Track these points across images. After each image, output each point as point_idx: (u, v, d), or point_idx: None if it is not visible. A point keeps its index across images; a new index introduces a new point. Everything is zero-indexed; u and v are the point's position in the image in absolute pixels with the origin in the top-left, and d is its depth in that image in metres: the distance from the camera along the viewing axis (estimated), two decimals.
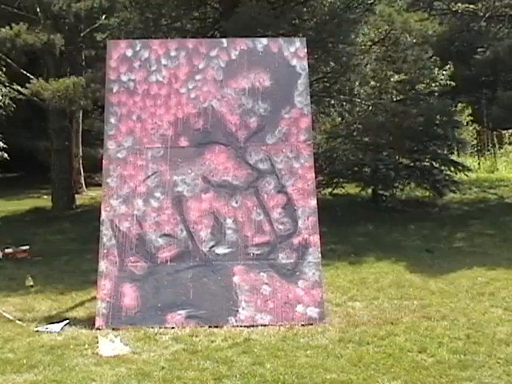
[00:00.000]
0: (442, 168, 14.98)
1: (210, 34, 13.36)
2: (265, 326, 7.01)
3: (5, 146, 18.68)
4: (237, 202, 7.63)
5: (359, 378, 5.49)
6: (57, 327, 7.02)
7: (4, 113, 18.70)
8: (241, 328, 6.95)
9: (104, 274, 7.32)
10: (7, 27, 12.98)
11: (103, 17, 15.48)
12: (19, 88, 15.94)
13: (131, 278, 7.31)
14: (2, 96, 18.24)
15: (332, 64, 14.05)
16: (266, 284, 7.29)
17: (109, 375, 5.68)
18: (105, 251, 7.41)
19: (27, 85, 13.14)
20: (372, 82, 14.81)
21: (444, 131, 14.86)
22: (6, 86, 17.33)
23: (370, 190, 15.21)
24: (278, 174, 7.70)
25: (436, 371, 5.60)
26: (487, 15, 16.06)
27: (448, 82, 14.89)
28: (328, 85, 14.74)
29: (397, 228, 12.68)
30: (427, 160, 15.04)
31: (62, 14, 14.43)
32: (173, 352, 6.25)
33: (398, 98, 15.05)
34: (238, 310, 7.17)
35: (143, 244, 7.47)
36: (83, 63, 17.53)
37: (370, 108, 14.88)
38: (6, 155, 18.76)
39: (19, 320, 7.35)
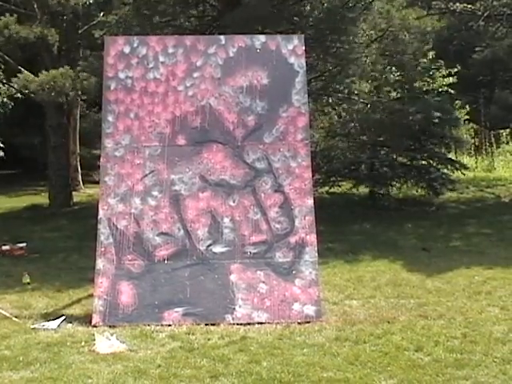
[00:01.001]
0: (439, 166, 14.99)
1: (208, 31, 13.34)
2: (261, 324, 7.01)
3: (1, 145, 18.72)
4: (234, 201, 7.63)
5: (355, 377, 5.50)
6: (53, 324, 7.02)
7: (1, 111, 18.72)
8: (237, 326, 6.95)
9: (101, 272, 7.32)
10: None
11: (101, 14, 15.47)
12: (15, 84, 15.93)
13: (128, 276, 7.31)
14: (0, 94, 18.27)
15: (330, 62, 14.04)
16: (263, 282, 7.30)
17: (105, 373, 5.68)
18: (102, 249, 7.40)
19: (14, 79, 13.09)
20: (370, 80, 14.82)
21: (441, 129, 14.88)
22: (3, 84, 17.34)
23: (367, 189, 15.22)
24: (275, 173, 7.70)
25: (432, 370, 5.61)
26: (485, 14, 16.05)
27: (448, 90, 14.95)
28: (326, 83, 14.74)
29: (393, 227, 12.69)
30: (424, 158, 15.05)
31: (59, 11, 14.41)
32: (169, 350, 6.26)
33: (396, 97, 15.06)
34: (234, 308, 7.17)
35: (140, 242, 7.46)
36: (81, 60, 17.48)
37: (368, 106, 14.89)
38: (1, 153, 18.79)
39: (16, 317, 7.34)
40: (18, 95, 17.08)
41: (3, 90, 18.04)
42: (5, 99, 18.50)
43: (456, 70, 15.33)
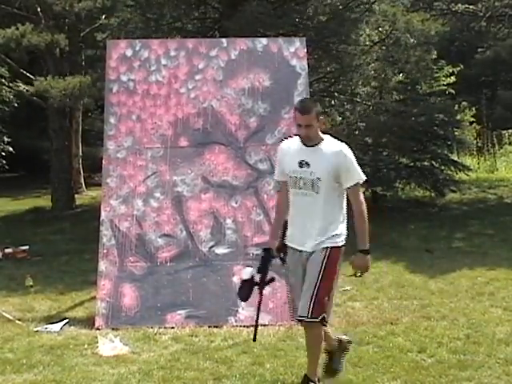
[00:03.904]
0: (443, 168, 14.99)
1: (211, 33, 13.36)
2: (264, 325, 6.99)
3: (9, 139, 18.95)
4: (236, 202, 7.63)
5: (358, 378, 5.48)
6: (56, 327, 7.02)
7: (7, 108, 18.89)
8: (240, 328, 6.94)
9: (104, 274, 7.32)
10: (13, 27, 12.98)
11: (103, 17, 15.50)
12: (21, 85, 16.00)
13: (131, 278, 7.31)
14: (5, 92, 18.42)
15: (333, 64, 14.05)
16: None
17: (108, 375, 5.67)
18: (104, 251, 7.41)
19: (34, 82, 13.17)
20: (373, 82, 14.83)
21: (444, 131, 14.88)
22: (8, 85, 17.44)
23: (370, 190, 15.20)
24: None
25: (435, 371, 5.59)
26: (487, 15, 16.05)
27: (448, 89, 15.00)
28: (328, 85, 14.76)
29: (396, 228, 12.67)
30: (427, 160, 15.05)
31: (62, 14, 14.45)
32: (172, 352, 6.25)
33: (399, 98, 15.06)
34: (237, 310, 7.16)
35: (143, 244, 7.47)
36: (83, 63, 17.55)
37: (371, 108, 14.89)
38: (10, 149, 19.05)
39: (19, 320, 7.34)
40: (20, 95, 17.19)
41: (8, 89, 18.20)
42: (11, 97, 18.66)
43: (458, 68, 15.34)
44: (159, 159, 7.78)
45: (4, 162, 20.03)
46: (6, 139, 19.67)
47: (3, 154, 19.78)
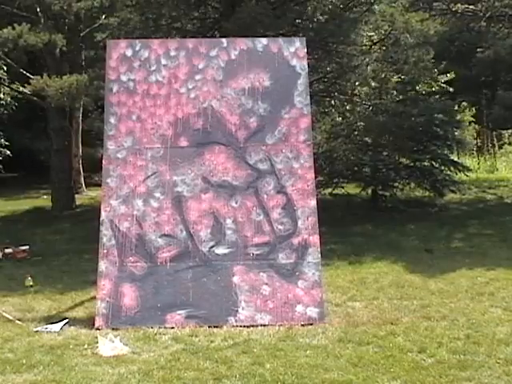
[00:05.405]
0: (442, 168, 15.00)
1: (210, 34, 13.36)
2: (264, 326, 7.01)
3: (7, 143, 18.96)
4: (236, 202, 7.63)
5: (359, 378, 5.49)
6: (56, 327, 7.02)
7: (6, 111, 18.91)
8: (240, 328, 6.95)
9: (104, 274, 7.32)
10: (9, 28, 12.97)
11: (103, 17, 15.49)
12: (20, 87, 16.00)
13: (131, 278, 7.31)
14: (4, 94, 18.44)
15: (332, 64, 14.05)
16: (266, 284, 7.30)
17: (108, 375, 5.68)
18: (104, 251, 7.41)
19: (30, 81, 13.16)
20: (372, 83, 14.83)
21: (444, 131, 14.89)
22: (7, 86, 17.45)
23: (369, 190, 15.21)
24: (278, 174, 7.70)
25: (436, 371, 5.60)
26: (487, 15, 16.04)
27: (447, 87, 15.03)
28: (328, 85, 14.75)
29: (396, 228, 12.68)
30: (427, 160, 15.06)
31: (62, 14, 14.44)
32: (172, 352, 6.25)
33: (399, 99, 15.07)
34: (237, 310, 7.17)
35: (143, 244, 7.47)
36: (83, 63, 17.54)
37: (371, 108, 14.89)
38: (8, 152, 19.08)
39: (19, 320, 7.35)
40: (20, 96, 17.22)
41: (6, 91, 18.23)
42: (8, 99, 18.70)
43: (450, 73, 15.42)
44: (159, 159, 7.78)
45: (1, 166, 20.02)
46: (3, 142, 19.66)
47: (0, 158, 19.78)
